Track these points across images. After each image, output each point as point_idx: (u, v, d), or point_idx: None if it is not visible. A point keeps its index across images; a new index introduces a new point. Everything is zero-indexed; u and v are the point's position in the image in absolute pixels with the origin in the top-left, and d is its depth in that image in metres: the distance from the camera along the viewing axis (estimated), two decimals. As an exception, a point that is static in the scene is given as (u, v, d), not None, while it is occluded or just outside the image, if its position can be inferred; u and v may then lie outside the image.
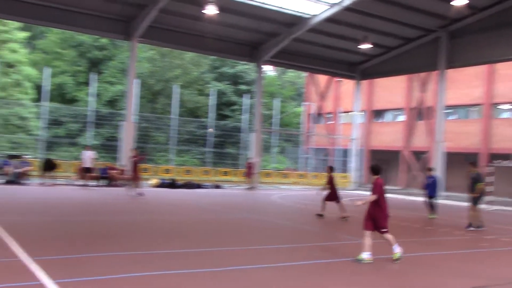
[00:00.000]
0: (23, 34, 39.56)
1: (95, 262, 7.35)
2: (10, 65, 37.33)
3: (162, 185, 25.43)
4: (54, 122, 34.11)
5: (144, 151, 26.84)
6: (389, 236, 8.52)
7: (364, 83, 37.83)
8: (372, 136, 42.94)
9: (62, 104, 37.84)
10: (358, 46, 28.46)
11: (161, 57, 43.75)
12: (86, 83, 37.29)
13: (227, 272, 7.17)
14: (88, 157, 23.27)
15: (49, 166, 23.14)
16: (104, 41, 41.75)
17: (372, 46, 28.45)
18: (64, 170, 25.14)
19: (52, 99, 35.33)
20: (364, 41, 27.48)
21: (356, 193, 29.39)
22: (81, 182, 23.04)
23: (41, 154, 29.02)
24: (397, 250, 8.48)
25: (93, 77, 32.05)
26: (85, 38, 41.14)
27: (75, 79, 40.52)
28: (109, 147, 33.71)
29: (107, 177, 24.31)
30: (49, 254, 7.72)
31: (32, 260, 7.07)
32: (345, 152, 38.46)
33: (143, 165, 26.40)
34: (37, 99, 36.98)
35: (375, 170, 8.75)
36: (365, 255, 8.25)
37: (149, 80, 41.87)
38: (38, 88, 37.20)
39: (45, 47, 43.14)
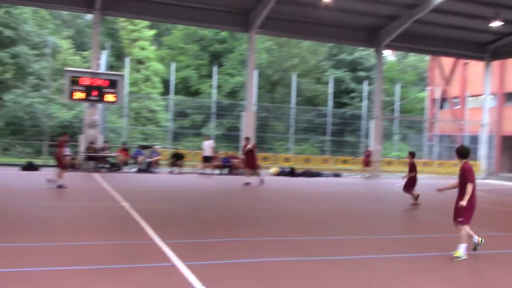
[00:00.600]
0: (151, 32, 42.21)
1: (224, 246, 7.66)
2: (140, 61, 40.09)
3: (281, 173, 25.80)
4: (180, 114, 36.05)
5: (255, 142, 27.28)
6: (466, 230, 7.50)
7: (495, 64, 35.13)
8: (504, 121, 39.79)
9: (187, 97, 39.86)
10: (488, 25, 26.47)
11: (279, 47, 44.18)
12: (208, 76, 38.86)
13: (355, 261, 7.12)
14: (208, 146, 24.37)
15: (177, 157, 24.58)
16: (224, 34, 43.16)
17: (503, 23, 26.28)
18: (190, 160, 26.46)
19: (177, 92, 37.36)
20: (494, 18, 25.48)
21: (486, 182, 27.50)
22: (204, 170, 24.16)
23: (169, 144, 30.85)
24: (462, 250, 7.37)
25: (215, 69, 33.30)
26: (206, 32, 42.83)
27: (198, 72, 42.40)
28: (230, 137, 34.90)
29: (229, 166, 25.22)
30: (180, 237, 8.18)
31: (164, 243, 7.55)
32: (474, 139, 36.05)
33: (262, 154, 27.01)
34: (165, 93, 39.35)
35: (463, 153, 7.76)
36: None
37: (268, 70, 42.54)
38: (165, 82, 39.56)
39: (170, 43, 45.64)
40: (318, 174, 26.66)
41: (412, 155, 14.81)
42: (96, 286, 5.38)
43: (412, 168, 14.42)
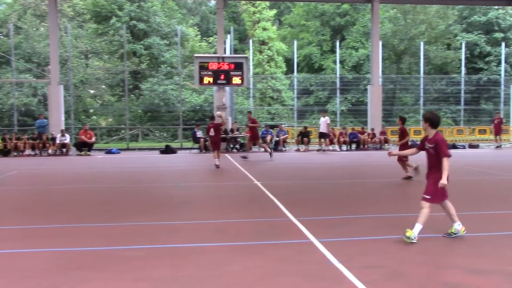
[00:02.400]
0: (272, 12, 42.61)
1: (356, 223, 7.58)
2: (263, 42, 40.71)
3: (412, 146, 24.75)
4: (304, 92, 36.12)
5: (382, 115, 26.23)
6: (425, 210, 6.33)
7: None
8: None
9: (310, 74, 39.77)
10: None
11: (404, 15, 42.17)
12: (331, 51, 38.40)
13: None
14: (324, 123, 24.06)
15: (303, 135, 24.72)
16: (345, 7, 42.19)
17: None
18: (315, 137, 26.49)
19: (300, 70, 37.47)
20: None
21: None
22: (324, 147, 24.01)
23: (295, 122, 31.11)
24: (415, 231, 6.25)
25: (337, 44, 32.75)
26: (327, 7, 42.19)
27: (321, 48, 42.03)
28: (356, 111, 34.28)
29: (356, 141, 24.81)
30: (313, 214, 8.24)
31: (298, 220, 7.66)
32: None
33: (390, 128, 26.16)
34: (288, 71, 39.63)
35: (435, 121, 6.43)
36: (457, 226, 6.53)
37: (393, 40, 40.90)
38: (288, 61, 39.81)
39: (291, 21, 45.71)
40: (452, 146, 25.21)
41: (402, 120, 13.17)
42: (239, 261, 5.62)
43: (403, 134, 12.98)
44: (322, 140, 24.21)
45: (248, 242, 6.47)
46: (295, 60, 32.22)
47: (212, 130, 16.35)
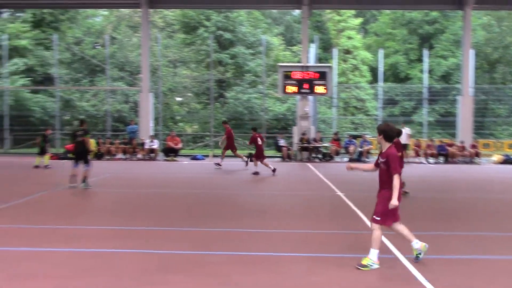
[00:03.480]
0: (357, 21, 42.07)
1: (444, 240, 7.27)
2: (347, 51, 40.27)
3: (506, 161, 23.41)
4: (389, 102, 35.24)
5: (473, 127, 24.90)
6: (377, 233, 5.82)
7: None
8: None
9: (396, 83, 38.76)
10: None
11: (498, 22, 40.06)
12: (418, 60, 37.19)
13: None
14: (405, 134, 23.25)
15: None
16: (434, 14, 40.74)
17: None
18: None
19: (386, 79, 36.58)
20: None
21: None
22: (409, 159, 23.23)
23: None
24: (371, 257, 5.76)
25: (425, 52, 31.69)
26: (415, 14, 40.97)
27: (407, 57, 40.85)
28: (444, 123, 32.94)
29: (444, 154, 23.81)
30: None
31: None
32: None
33: (482, 141, 24.91)
34: (373, 81, 38.88)
35: (389, 134, 5.92)
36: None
37: (485, 48, 38.94)
38: (373, 70, 39.06)
39: (377, 29, 44.85)
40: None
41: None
42: (322, 272, 5.58)
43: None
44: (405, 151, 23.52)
45: (331, 254, 6.42)
46: (381, 69, 31.54)
47: (259, 139, 17.30)
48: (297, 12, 42.13)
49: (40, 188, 12.40)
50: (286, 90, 24.61)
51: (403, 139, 23.40)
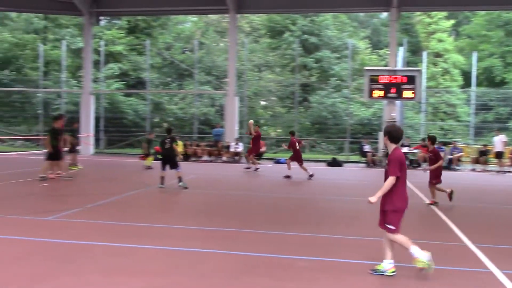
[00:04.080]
0: (449, 23, 40.38)
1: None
2: (437, 54, 38.77)
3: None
4: (483, 107, 33.47)
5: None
6: (398, 237, 5.64)
7: None
8: None
9: (490, 88, 36.74)
10: None
11: None
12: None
13: None
14: (499, 141, 22.13)
15: (482, 154, 22.93)
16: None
17: None
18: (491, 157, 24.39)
19: (479, 84, 34.83)
20: None
21: None
22: (510, 168, 21.94)
23: (471, 140, 28.98)
24: (419, 255, 5.53)
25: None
26: (512, 15, 38.67)
27: (503, 60, 38.61)
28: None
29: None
30: (493, 241, 7.57)
31: (475, 246, 7.10)
32: None
33: None
34: (465, 85, 37.12)
35: (395, 135, 5.66)
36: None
37: None
38: (465, 74, 37.30)
39: (470, 31, 42.78)
40: None
41: (432, 140, 11.45)
42: (407, 284, 5.39)
43: (436, 157, 11.43)
44: (498, 160, 22.28)
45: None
46: (474, 73, 30.03)
47: (297, 144, 17.09)
48: (384, 14, 41.23)
49: (132, 187, 13.00)
50: (372, 95, 24.09)
51: (497, 147, 22.26)
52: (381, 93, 23.84)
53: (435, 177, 11.44)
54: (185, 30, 43.03)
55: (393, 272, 5.65)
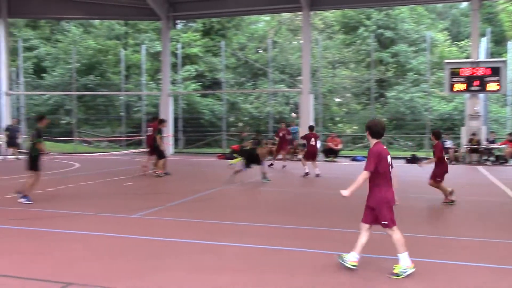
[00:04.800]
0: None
1: None
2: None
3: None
4: None
5: None
6: (396, 235, 5.51)
7: None
8: None
9: None
10: None
11: None
12: None
13: None
14: None
15: None
16: None
17: None
18: None
19: None
20: None
21: None
22: None
23: None
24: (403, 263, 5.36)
25: None
26: None
27: None
28: None
29: None
30: None
31: None
32: None
33: None
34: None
35: (373, 129, 5.62)
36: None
37: None
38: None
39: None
40: None
41: (436, 135, 11.09)
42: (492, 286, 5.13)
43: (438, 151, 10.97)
44: None
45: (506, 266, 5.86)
46: None
47: (313, 139, 16.54)
48: (464, 4, 39.49)
49: (212, 186, 13.28)
50: (453, 88, 23.11)
51: None
52: (463, 87, 22.84)
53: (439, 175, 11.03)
54: (258, 29, 43.37)
55: (353, 265, 5.56)
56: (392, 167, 5.63)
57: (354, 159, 24.60)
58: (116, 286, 5.00)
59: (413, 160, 23.30)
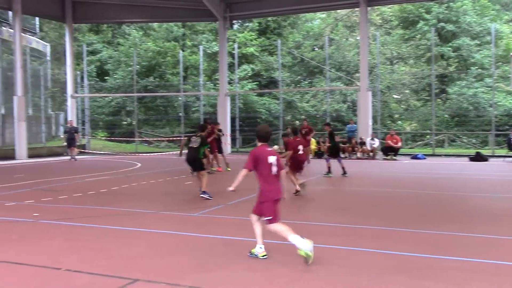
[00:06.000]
0: None
1: None
2: None
3: None
4: None
5: None
6: (276, 227, 5.98)
7: None
8: None
9: None
10: None
11: None
12: None
13: None
14: None
15: None
16: None
17: None
18: None
19: None
20: None
21: None
22: None
23: None
24: (299, 245, 5.78)
25: None
26: None
27: None
28: None
29: None
30: None
31: None
32: None
33: None
34: None
35: (257, 134, 6.38)
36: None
37: None
38: None
39: None
40: None
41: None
42: None
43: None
44: None
45: None
46: None
47: (301, 147, 12.00)
48: (532, -6, 37.62)
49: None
50: (521, 82, 22.09)
51: None
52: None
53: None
54: (314, 27, 43.10)
55: (264, 256, 6.01)
56: (278, 167, 6.12)
57: (414, 157, 24.00)
58: (179, 283, 5.09)
59: (477, 158, 22.49)
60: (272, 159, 6.11)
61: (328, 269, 5.57)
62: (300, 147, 11.91)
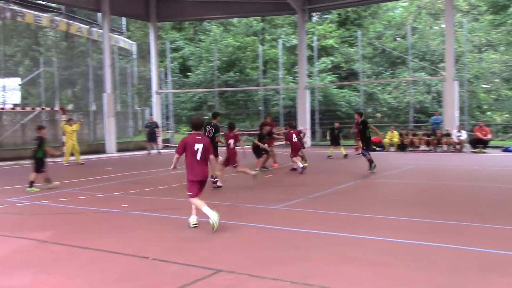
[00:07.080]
0: None
1: None
2: None
3: None
4: None
5: None
6: (194, 201, 7.44)
7: None
8: None
9: None
10: None
11: None
12: None
13: None
14: None
15: None
16: None
17: None
18: None
19: None
20: None
21: None
22: None
23: None
24: (208, 214, 7.18)
25: None
26: None
27: None
28: None
29: None
30: None
31: None
32: None
33: None
34: None
35: (191, 123, 7.91)
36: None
37: None
38: None
39: None
40: None
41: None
42: None
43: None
44: None
45: None
46: None
47: (294, 135, 15.49)
48: None
49: (350, 178, 13.13)
50: None
51: None
52: None
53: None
54: (396, 16, 41.74)
55: (195, 225, 7.38)
56: (204, 153, 7.33)
57: (506, 149, 22.68)
58: (261, 274, 5.16)
59: None
60: (198, 146, 7.31)
61: (408, 266, 5.41)
62: (294, 136, 15.33)
